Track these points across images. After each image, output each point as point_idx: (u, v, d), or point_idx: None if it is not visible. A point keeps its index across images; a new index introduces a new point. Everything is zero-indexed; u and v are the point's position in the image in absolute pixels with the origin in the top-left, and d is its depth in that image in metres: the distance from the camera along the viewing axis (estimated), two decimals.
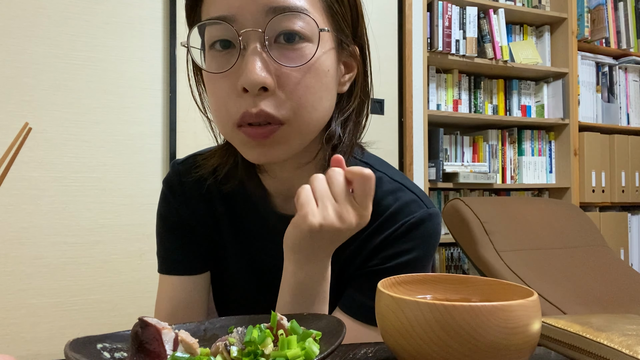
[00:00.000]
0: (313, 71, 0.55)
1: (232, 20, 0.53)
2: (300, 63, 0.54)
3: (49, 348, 1.57)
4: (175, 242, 0.70)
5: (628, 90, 2.74)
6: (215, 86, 0.56)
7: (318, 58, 0.55)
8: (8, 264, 1.54)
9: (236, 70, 0.53)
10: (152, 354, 0.37)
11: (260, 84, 0.52)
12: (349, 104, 0.64)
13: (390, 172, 0.69)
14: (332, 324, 0.44)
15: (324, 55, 0.56)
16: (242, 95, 0.53)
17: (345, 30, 0.59)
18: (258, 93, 0.53)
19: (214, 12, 0.54)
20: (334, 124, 0.62)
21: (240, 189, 0.67)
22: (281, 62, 0.53)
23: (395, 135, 2.13)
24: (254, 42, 0.53)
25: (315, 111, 0.56)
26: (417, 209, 0.64)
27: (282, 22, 0.53)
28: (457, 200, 1.92)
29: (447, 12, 2.23)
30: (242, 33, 0.53)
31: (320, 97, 0.56)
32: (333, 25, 0.58)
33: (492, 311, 0.36)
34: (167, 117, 1.75)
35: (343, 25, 0.59)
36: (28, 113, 1.58)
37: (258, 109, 0.53)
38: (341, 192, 0.51)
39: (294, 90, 0.54)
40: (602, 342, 0.43)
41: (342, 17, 0.58)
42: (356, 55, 0.62)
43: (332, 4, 0.57)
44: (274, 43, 0.54)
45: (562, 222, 2.02)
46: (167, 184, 0.72)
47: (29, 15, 1.59)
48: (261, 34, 0.52)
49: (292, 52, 0.54)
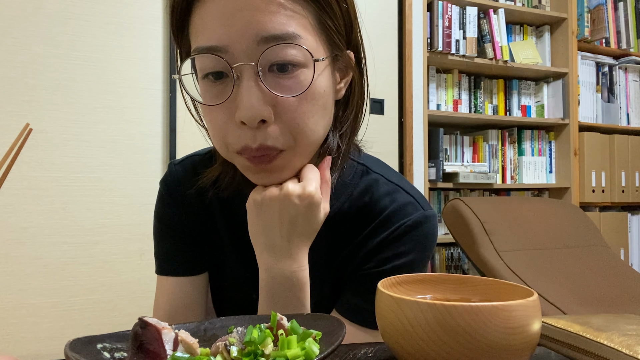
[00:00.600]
0: (310, 96, 0.54)
1: (224, 51, 0.52)
2: (297, 92, 0.53)
3: (49, 348, 1.57)
4: (173, 243, 0.70)
5: (628, 90, 2.74)
6: (212, 116, 0.56)
7: (314, 83, 0.54)
8: (8, 264, 1.54)
9: (232, 100, 0.53)
10: (152, 354, 0.37)
11: (258, 118, 0.52)
12: (346, 112, 0.63)
13: (387, 173, 0.68)
14: (332, 324, 0.44)
15: (320, 77, 0.55)
16: (240, 126, 0.53)
17: (339, 42, 0.58)
18: (257, 126, 0.52)
19: (204, 42, 0.52)
20: (331, 136, 0.62)
21: (237, 191, 0.67)
22: (277, 93, 0.52)
23: (395, 135, 2.13)
24: (247, 73, 0.52)
25: (315, 133, 0.56)
26: (414, 211, 0.64)
27: (275, 53, 0.51)
28: (457, 200, 1.92)
29: (447, 12, 2.23)
30: (235, 67, 0.52)
31: (318, 119, 0.56)
32: (327, 41, 0.56)
33: (492, 311, 0.36)
34: (167, 117, 1.75)
35: (336, 38, 0.57)
36: (28, 113, 1.58)
37: (257, 145, 0.53)
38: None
39: (292, 118, 0.53)
40: (602, 342, 0.43)
41: (335, 30, 0.57)
42: (351, 60, 0.61)
43: (324, 20, 0.55)
44: (268, 72, 0.52)
45: (562, 222, 2.02)
46: (164, 184, 0.71)
47: (29, 15, 1.59)
48: (255, 66, 0.51)
49: (287, 80, 0.53)
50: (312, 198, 0.55)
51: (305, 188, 0.55)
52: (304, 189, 0.55)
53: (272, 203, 0.55)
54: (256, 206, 0.56)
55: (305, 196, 0.55)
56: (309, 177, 0.56)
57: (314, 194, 0.55)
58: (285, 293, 0.56)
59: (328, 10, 0.55)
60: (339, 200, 0.65)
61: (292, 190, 0.55)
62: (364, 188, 0.66)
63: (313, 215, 0.56)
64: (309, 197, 0.55)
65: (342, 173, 0.64)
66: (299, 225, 0.56)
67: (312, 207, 0.55)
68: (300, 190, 0.55)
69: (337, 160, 0.62)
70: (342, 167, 0.63)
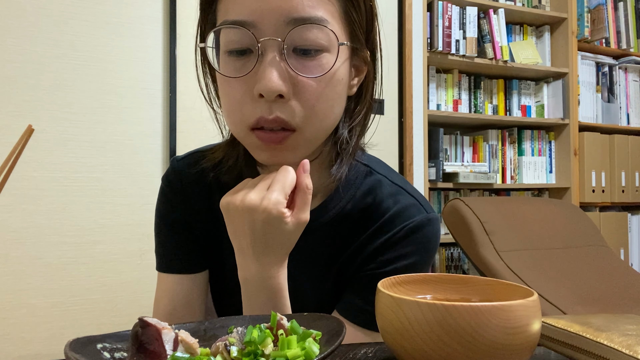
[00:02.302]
0: (328, 81, 0.55)
1: (252, 25, 0.53)
2: (318, 74, 0.54)
3: (49, 348, 1.57)
4: (174, 240, 0.70)
5: (628, 90, 2.74)
6: (230, 88, 0.56)
7: (335, 68, 0.55)
8: (8, 264, 1.54)
9: (253, 74, 0.54)
10: (152, 354, 0.37)
11: (277, 91, 0.52)
12: (357, 108, 0.64)
13: (390, 175, 0.69)
14: (332, 324, 0.44)
15: (340, 64, 0.56)
16: (257, 100, 0.54)
17: (360, 37, 0.59)
18: (274, 100, 0.53)
19: (233, 15, 0.54)
20: (341, 128, 0.62)
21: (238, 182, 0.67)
22: (299, 72, 0.53)
23: (395, 135, 2.13)
24: (272, 49, 0.53)
25: (327, 119, 0.57)
26: (417, 213, 0.64)
27: (301, 33, 0.53)
28: (457, 200, 1.92)
29: (447, 12, 2.23)
30: (261, 41, 0.53)
31: (332, 105, 0.57)
32: (349, 33, 0.58)
33: (492, 311, 0.36)
34: (167, 117, 1.75)
35: (358, 32, 0.59)
36: (28, 113, 1.58)
37: (274, 116, 0.54)
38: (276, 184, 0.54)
39: (308, 99, 0.54)
40: (602, 342, 0.43)
41: (359, 24, 0.58)
42: (367, 59, 0.62)
43: (350, 12, 0.57)
44: (292, 52, 0.54)
45: (562, 222, 2.02)
46: (166, 180, 0.71)
47: (29, 15, 1.59)
48: (280, 42, 0.53)
49: (310, 61, 0.54)
50: (270, 212, 0.51)
51: (262, 201, 0.52)
52: (261, 203, 0.52)
53: (236, 213, 0.54)
54: (224, 211, 0.55)
55: (262, 210, 0.52)
56: (274, 188, 0.53)
57: (270, 209, 0.51)
58: (258, 295, 0.56)
59: (354, 2, 0.57)
60: (342, 200, 0.65)
61: (250, 202, 0.52)
62: (368, 189, 0.66)
63: (275, 229, 0.53)
64: (265, 211, 0.51)
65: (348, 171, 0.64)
66: (261, 238, 0.53)
67: (271, 222, 0.52)
68: (258, 202, 0.52)
69: (344, 155, 0.62)
70: (349, 164, 0.63)
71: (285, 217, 0.52)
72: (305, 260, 0.65)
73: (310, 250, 0.65)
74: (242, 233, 0.54)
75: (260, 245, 0.54)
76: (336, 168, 0.62)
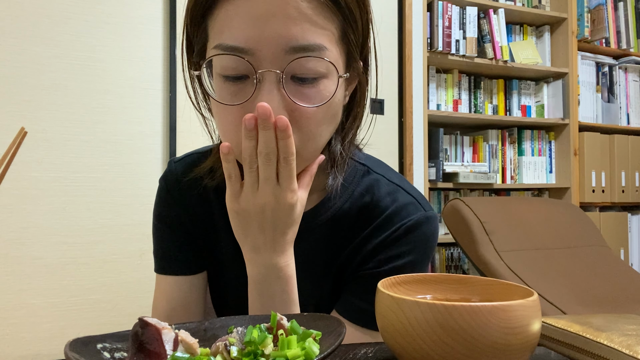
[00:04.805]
0: (327, 108, 0.55)
1: (250, 53, 0.51)
2: (317, 103, 0.53)
3: (49, 348, 1.57)
4: (172, 241, 0.70)
5: (628, 90, 2.74)
6: (226, 115, 0.55)
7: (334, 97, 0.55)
8: (8, 264, 1.54)
9: (250, 101, 0.53)
10: (152, 354, 0.37)
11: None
12: (349, 118, 0.64)
13: (388, 174, 0.68)
14: (332, 324, 0.44)
15: (338, 90, 0.56)
16: None
17: (355, 54, 0.58)
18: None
19: (229, 40, 0.52)
20: (334, 141, 0.62)
21: None
22: (297, 102, 0.53)
23: (395, 135, 2.13)
24: (270, 78, 0.52)
25: (323, 139, 0.57)
26: (415, 211, 0.64)
27: (301, 63, 0.52)
28: (457, 200, 1.92)
29: (447, 12, 2.23)
30: (259, 73, 0.52)
31: (328, 126, 0.57)
32: (345, 53, 0.57)
33: (492, 311, 0.36)
34: (167, 117, 1.75)
35: (354, 51, 0.58)
36: (28, 113, 1.58)
37: None
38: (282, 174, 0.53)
39: (307, 126, 0.54)
40: (602, 342, 0.43)
41: (355, 43, 0.58)
42: (360, 71, 0.61)
43: (348, 34, 0.56)
44: (290, 79, 0.53)
45: (562, 222, 2.02)
46: (164, 182, 0.71)
47: (29, 15, 1.59)
48: (279, 73, 0.52)
49: (309, 89, 0.53)
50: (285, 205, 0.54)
51: (278, 197, 0.53)
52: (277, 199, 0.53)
53: (249, 214, 0.54)
54: (235, 216, 0.55)
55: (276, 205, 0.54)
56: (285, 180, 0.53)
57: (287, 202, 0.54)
58: (273, 287, 0.56)
59: (352, 23, 0.56)
60: (340, 200, 0.65)
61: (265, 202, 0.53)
62: (365, 188, 0.66)
63: (287, 217, 0.55)
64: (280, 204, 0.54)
65: (344, 175, 0.64)
66: (276, 231, 0.55)
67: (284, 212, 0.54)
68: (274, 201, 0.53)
69: (339, 163, 0.62)
70: (344, 170, 0.63)
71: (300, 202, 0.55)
72: (303, 260, 0.65)
73: (309, 250, 0.65)
74: (257, 231, 0.54)
75: (276, 237, 0.55)
76: (332, 178, 0.62)
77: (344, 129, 0.63)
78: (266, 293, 0.56)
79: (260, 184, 0.53)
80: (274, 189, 0.52)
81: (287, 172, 0.52)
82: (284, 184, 0.53)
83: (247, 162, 0.52)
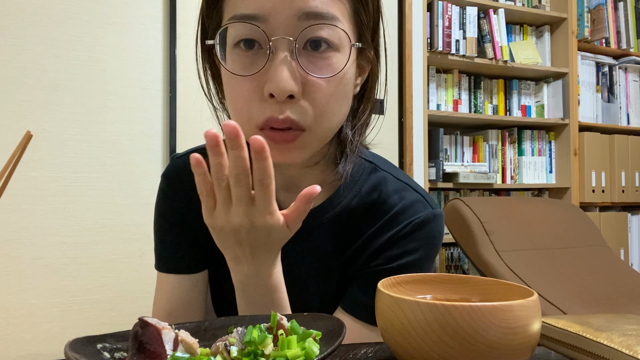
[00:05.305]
0: (339, 82, 0.55)
1: (263, 20, 0.52)
2: (329, 74, 0.54)
3: (49, 348, 1.57)
4: (173, 239, 0.69)
5: (628, 90, 2.74)
6: (238, 86, 0.55)
7: (345, 68, 0.55)
8: (8, 264, 1.54)
9: (263, 72, 0.53)
10: (152, 354, 0.37)
11: (289, 92, 0.52)
12: (360, 107, 0.64)
13: (394, 171, 0.69)
14: (332, 324, 0.44)
15: (350, 65, 0.56)
16: (267, 99, 0.53)
17: (366, 37, 0.59)
18: (284, 100, 0.53)
19: (243, 9, 0.53)
20: (345, 127, 0.62)
21: None
22: (310, 72, 0.53)
23: (395, 135, 2.13)
24: (283, 47, 0.52)
25: (335, 118, 0.57)
26: (423, 209, 0.64)
27: (314, 31, 0.52)
28: (457, 200, 1.92)
29: (447, 12, 2.23)
30: (273, 40, 0.52)
31: (340, 105, 0.57)
32: (357, 34, 0.58)
33: (492, 311, 0.36)
34: (167, 117, 1.75)
35: (366, 32, 0.59)
36: (28, 113, 1.58)
37: (284, 116, 0.53)
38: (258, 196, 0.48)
39: (318, 99, 0.54)
40: (602, 342, 0.43)
41: (366, 25, 0.58)
42: (372, 59, 0.62)
43: (360, 13, 0.57)
44: (302, 49, 0.53)
45: (562, 222, 2.02)
46: (166, 178, 0.71)
47: (29, 15, 1.59)
48: (292, 41, 0.52)
49: (321, 60, 0.54)
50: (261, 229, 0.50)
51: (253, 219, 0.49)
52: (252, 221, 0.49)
53: (222, 233, 0.51)
54: (212, 230, 0.52)
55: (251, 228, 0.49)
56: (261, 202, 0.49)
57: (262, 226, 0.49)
58: (258, 294, 0.55)
59: (363, 2, 0.57)
60: (347, 197, 0.65)
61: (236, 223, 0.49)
62: (373, 185, 0.66)
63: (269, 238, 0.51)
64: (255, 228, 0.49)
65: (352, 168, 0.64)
66: (255, 247, 0.52)
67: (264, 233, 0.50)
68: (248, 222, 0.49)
69: (349, 153, 0.62)
70: (352, 162, 0.64)
71: (279, 225, 0.50)
72: (309, 257, 0.65)
73: (315, 247, 0.65)
74: (234, 246, 0.52)
75: (255, 252, 0.52)
76: (342, 167, 0.62)
77: (355, 117, 0.64)
78: (252, 301, 0.55)
79: (233, 203, 0.48)
80: (247, 210, 0.48)
81: (263, 195, 0.48)
82: (260, 204, 0.48)
83: (215, 179, 0.47)
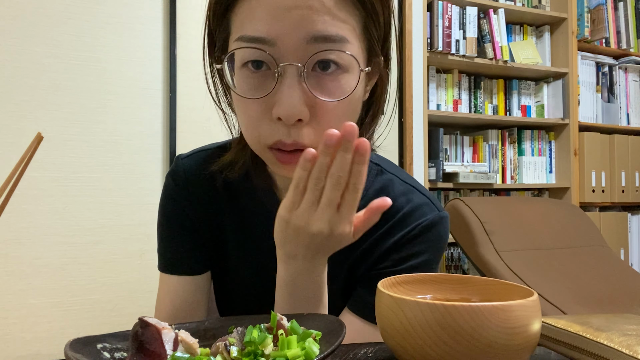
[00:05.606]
0: (347, 102, 0.54)
1: (272, 44, 0.51)
2: (338, 97, 0.53)
3: (49, 348, 1.57)
4: (178, 239, 0.69)
5: (628, 90, 2.74)
6: (247, 107, 0.55)
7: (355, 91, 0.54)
8: (8, 264, 1.54)
9: (272, 95, 0.52)
10: (152, 354, 0.37)
11: (296, 117, 0.51)
12: (369, 114, 0.64)
13: (400, 174, 0.69)
14: (332, 324, 0.44)
15: (359, 85, 0.55)
16: (275, 121, 0.53)
17: (376, 49, 0.58)
18: (293, 124, 0.52)
19: (251, 32, 0.52)
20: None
21: (246, 183, 0.67)
22: (318, 95, 0.52)
23: (395, 135, 2.13)
24: (291, 71, 0.51)
25: None
26: (430, 211, 0.65)
27: (323, 55, 0.52)
28: (457, 200, 1.92)
29: (447, 12, 2.23)
30: (281, 66, 0.51)
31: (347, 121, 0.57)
32: (367, 48, 0.57)
33: (492, 311, 0.36)
34: (167, 117, 1.75)
35: (375, 46, 0.58)
36: (28, 113, 1.58)
37: (292, 140, 0.53)
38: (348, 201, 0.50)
39: (327, 122, 0.53)
40: (602, 342, 0.43)
41: (377, 38, 0.57)
42: (381, 66, 0.61)
43: (370, 28, 0.56)
44: (311, 71, 0.53)
45: (562, 222, 2.02)
46: (172, 178, 0.70)
47: (29, 15, 1.59)
48: (301, 67, 0.51)
49: (330, 82, 0.53)
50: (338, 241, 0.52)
51: (333, 227, 0.50)
52: (332, 228, 0.50)
53: (298, 232, 0.51)
54: (283, 224, 0.52)
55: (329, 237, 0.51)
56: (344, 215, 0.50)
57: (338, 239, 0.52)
58: (304, 290, 0.55)
59: (374, 17, 0.56)
60: None
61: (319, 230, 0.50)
62: (379, 187, 0.67)
63: (339, 244, 0.53)
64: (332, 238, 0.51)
65: None
66: (323, 251, 0.54)
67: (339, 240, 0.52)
68: (328, 230, 0.50)
69: None
70: None
71: (350, 235, 0.52)
72: None
73: None
74: (300, 246, 0.52)
75: (317, 254, 0.53)
76: None
77: (363, 125, 0.63)
78: (295, 295, 0.55)
79: (320, 206, 0.50)
80: (331, 217, 0.50)
81: (351, 201, 0.50)
82: (344, 212, 0.50)
83: (315, 178, 0.49)
